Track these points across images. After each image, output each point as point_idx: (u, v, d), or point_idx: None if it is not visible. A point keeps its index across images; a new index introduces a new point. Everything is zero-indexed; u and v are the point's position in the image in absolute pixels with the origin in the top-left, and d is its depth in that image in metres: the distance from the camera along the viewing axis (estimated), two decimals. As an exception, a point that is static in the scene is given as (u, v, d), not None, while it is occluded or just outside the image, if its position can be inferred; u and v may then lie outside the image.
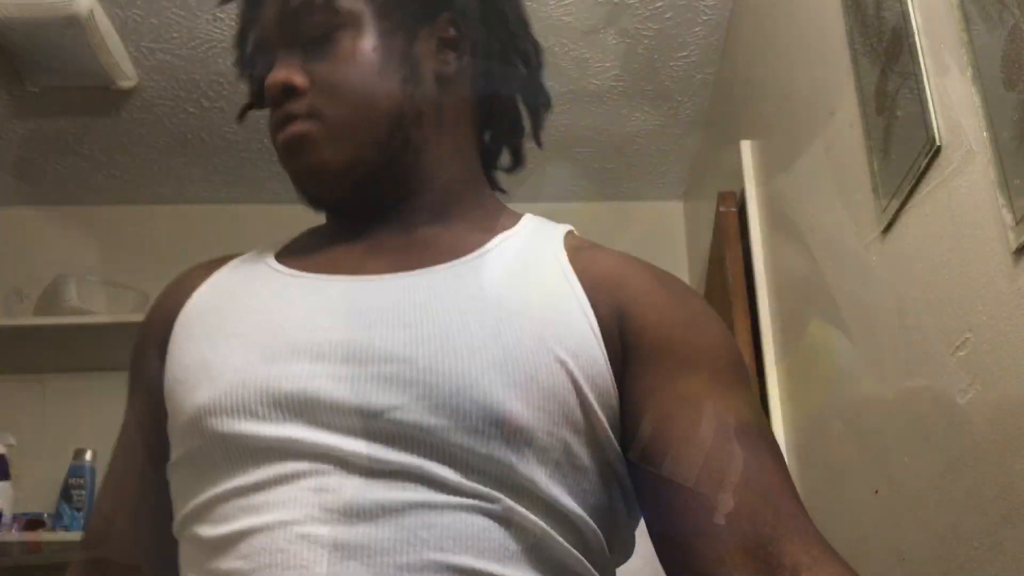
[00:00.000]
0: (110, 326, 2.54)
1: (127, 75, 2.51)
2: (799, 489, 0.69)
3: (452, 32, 0.85)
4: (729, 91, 2.49)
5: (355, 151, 0.80)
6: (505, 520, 0.67)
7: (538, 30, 0.91)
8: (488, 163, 0.92)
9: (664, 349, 0.73)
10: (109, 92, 2.59)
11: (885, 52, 1.35)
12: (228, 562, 0.66)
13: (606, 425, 0.72)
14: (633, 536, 0.79)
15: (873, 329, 1.43)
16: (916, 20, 1.25)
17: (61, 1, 2.19)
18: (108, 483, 0.86)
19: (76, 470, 2.45)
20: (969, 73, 1.09)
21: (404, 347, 0.70)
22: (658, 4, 2.36)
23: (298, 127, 0.79)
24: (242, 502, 0.67)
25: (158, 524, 0.77)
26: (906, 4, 1.27)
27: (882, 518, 1.38)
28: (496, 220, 0.84)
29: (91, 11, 2.24)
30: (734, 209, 2.30)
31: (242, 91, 0.91)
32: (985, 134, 1.05)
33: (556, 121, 2.79)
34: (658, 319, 0.74)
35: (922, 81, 1.21)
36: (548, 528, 0.68)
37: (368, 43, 0.81)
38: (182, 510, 0.73)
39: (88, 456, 2.48)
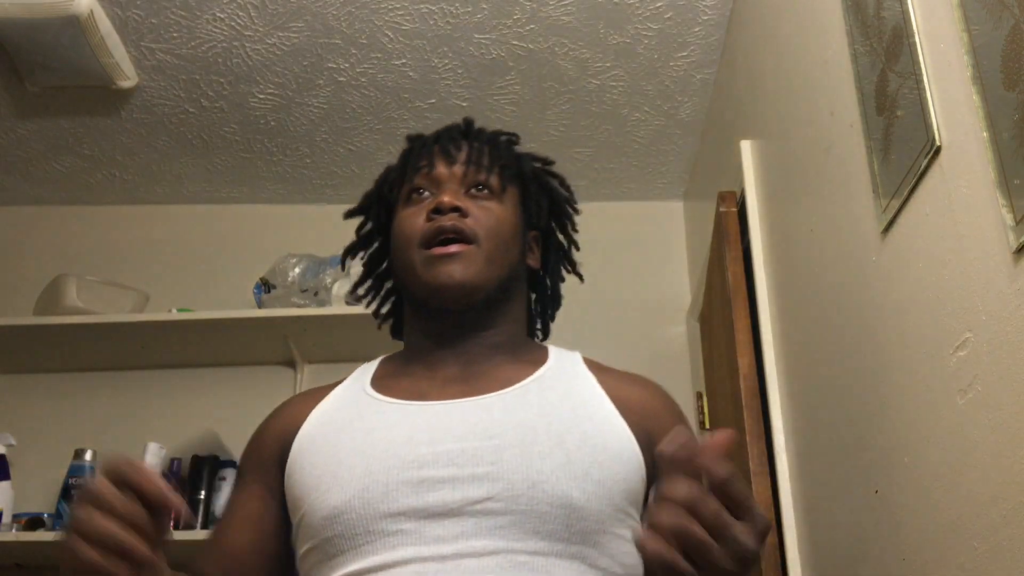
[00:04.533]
0: (110, 326, 2.54)
1: (127, 75, 2.51)
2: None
3: (535, 242, 1.24)
4: (729, 91, 2.50)
5: (490, 278, 1.11)
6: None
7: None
8: (531, 324, 1.28)
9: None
10: (109, 92, 2.60)
11: (885, 52, 1.35)
12: None
13: (640, 504, 1.01)
14: None
15: (873, 329, 1.43)
16: (916, 20, 1.25)
17: (61, 1, 2.19)
18: (217, 547, 1.06)
19: (76, 470, 2.44)
20: (969, 73, 1.09)
21: (491, 453, 0.96)
22: (658, 4, 2.36)
23: (461, 248, 1.09)
24: None
25: None
26: (906, 4, 1.27)
27: (882, 518, 1.38)
28: (535, 355, 1.14)
29: (91, 11, 2.24)
30: (734, 209, 2.30)
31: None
32: (985, 134, 1.05)
33: (556, 121, 2.80)
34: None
35: (922, 81, 1.21)
36: None
37: (514, 216, 1.17)
38: None
39: (88, 456, 2.48)
